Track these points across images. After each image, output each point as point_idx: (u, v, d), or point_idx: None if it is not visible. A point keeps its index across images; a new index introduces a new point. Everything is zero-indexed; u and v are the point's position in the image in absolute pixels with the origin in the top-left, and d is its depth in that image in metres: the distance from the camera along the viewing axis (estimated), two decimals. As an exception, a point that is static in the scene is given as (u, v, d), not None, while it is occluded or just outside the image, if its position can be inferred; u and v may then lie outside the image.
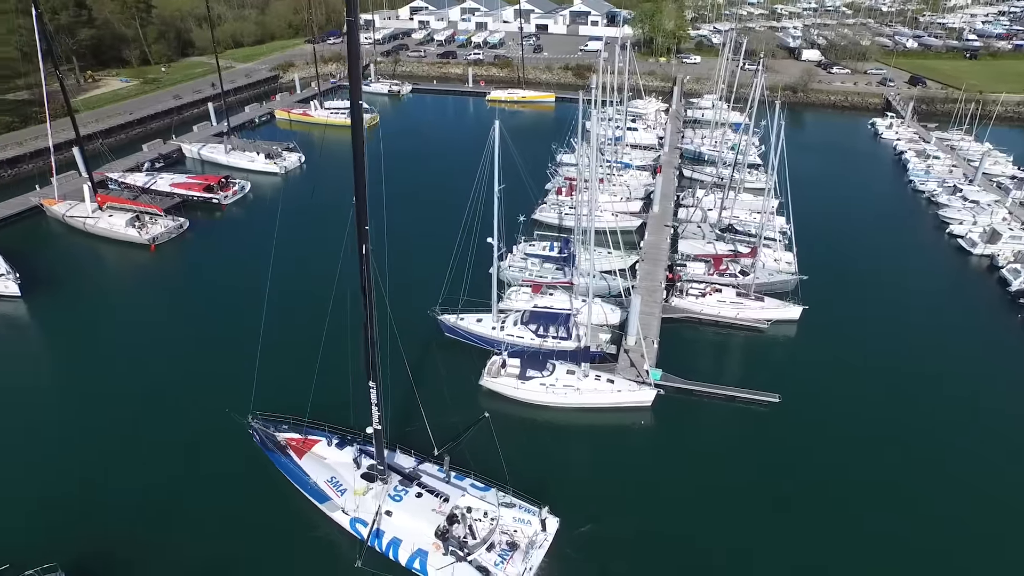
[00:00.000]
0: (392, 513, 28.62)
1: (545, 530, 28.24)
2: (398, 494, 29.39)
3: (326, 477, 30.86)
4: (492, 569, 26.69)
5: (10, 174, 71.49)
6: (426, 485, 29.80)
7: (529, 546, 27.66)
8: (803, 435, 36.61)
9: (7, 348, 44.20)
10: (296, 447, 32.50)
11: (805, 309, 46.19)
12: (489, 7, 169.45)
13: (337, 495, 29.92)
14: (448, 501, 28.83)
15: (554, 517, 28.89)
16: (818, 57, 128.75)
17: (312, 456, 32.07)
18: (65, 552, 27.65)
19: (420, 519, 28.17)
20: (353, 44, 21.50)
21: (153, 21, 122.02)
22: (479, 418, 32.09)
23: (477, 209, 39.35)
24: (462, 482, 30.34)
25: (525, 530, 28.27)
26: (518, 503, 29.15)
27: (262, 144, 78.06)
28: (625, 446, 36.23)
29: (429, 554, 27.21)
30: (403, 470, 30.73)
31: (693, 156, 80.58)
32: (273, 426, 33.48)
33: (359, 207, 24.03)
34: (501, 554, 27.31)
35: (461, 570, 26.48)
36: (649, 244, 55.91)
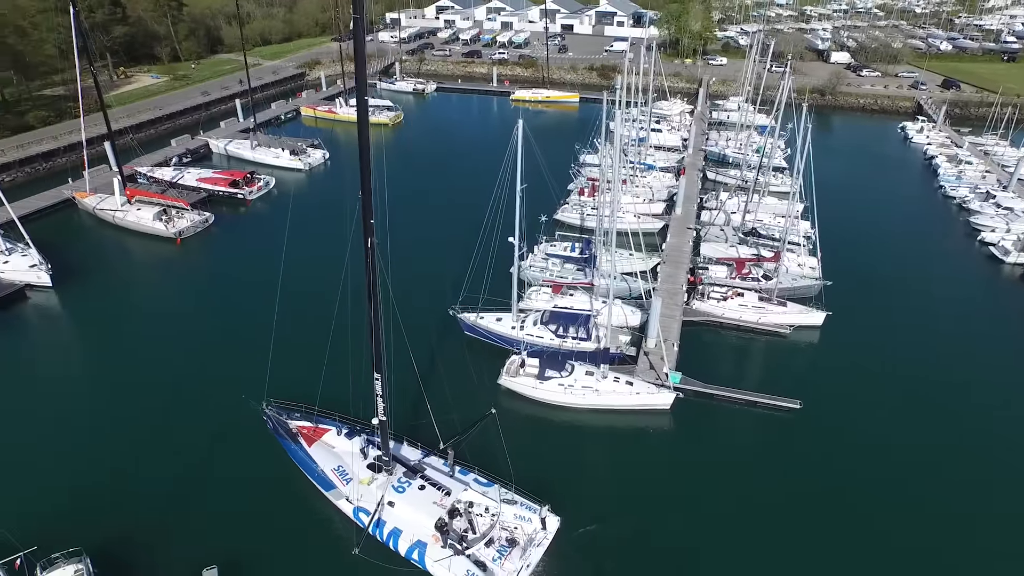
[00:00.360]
0: (394, 504, 28.98)
1: (545, 528, 28.29)
2: (401, 485, 29.74)
3: (333, 465, 31.39)
4: (489, 564, 26.83)
5: (45, 167, 73.18)
6: (429, 478, 30.07)
7: (528, 543, 27.78)
8: (824, 443, 36.07)
9: (39, 336, 45.45)
10: (307, 435, 33.16)
11: (828, 315, 45.48)
12: (515, 7, 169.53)
13: (343, 483, 30.46)
14: (450, 495, 29.09)
15: (555, 516, 28.90)
16: (847, 59, 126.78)
17: (321, 444, 32.68)
18: (89, 537, 28.26)
19: (421, 511, 28.45)
20: (359, 42, 22.08)
21: (184, 19, 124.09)
22: (486, 414, 32.34)
23: (499, 208, 39.40)
24: (466, 477, 30.51)
25: (525, 527, 28.41)
26: (520, 500, 29.23)
27: (287, 140, 78.99)
28: (641, 448, 36.04)
29: (428, 546, 27.47)
30: (408, 462, 31.06)
31: (717, 158, 79.85)
32: (286, 413, 34.23)
33: (364, 201, 24.63)
34: (500, 550, 27.47)
35: (458, 563, 26.67)
36: (671, 246, 55.53)
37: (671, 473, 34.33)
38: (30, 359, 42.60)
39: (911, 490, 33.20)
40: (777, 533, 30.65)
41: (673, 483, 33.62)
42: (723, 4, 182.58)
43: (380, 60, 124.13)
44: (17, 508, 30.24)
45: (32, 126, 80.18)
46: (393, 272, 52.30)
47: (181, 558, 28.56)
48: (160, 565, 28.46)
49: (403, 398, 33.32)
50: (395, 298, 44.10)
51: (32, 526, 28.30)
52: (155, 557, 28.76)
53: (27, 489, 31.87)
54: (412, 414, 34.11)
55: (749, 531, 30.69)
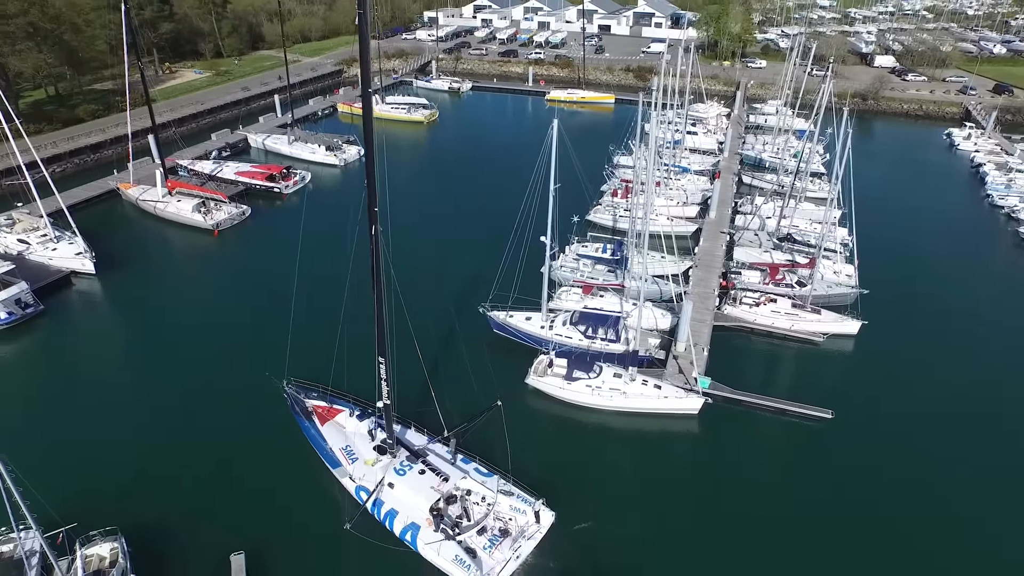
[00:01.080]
0: (394, 486, 29.84)
1: (539, 522, 28.61)
2: (403, 468, 30.58)
3: (342, 445, 32.62)
4: (479, 552, 27.39)
5: (93, 158, 75.51)
6: (430, 463, 30.75)
7: (520, 535, 28.17)
8: (856, 455, 35.28)
9: (81, 321, 46.94)
10: (321, 414, 34.59)
11: (864, 324, 44.47)
12: (552, 7, 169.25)
13: (348, 462, 31.64)
14: (448, 481, 29.73)
15: (549, 511, 29.15)
16: (892, 63, 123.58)
17: (333, 424, 33.97)
18: (125, 516, 29.17)
19: (418, 495, 29.14)
20: (364, 37, 23.13)
21: (228, 16, 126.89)
22: (491, 406, 33.09)
23: (531, 207, 39.50)
24: (467, 465, 31.20)
25: (519, 519, 28.87)
26: (517, 492, 29.73)
27: (323, 136, 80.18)
28: (663, 452, 35.81)
29: (421, 528, 28.12)
30: (412, 447, 31.86)
31: (754, 162, 78.65)
32: (304, 392, 35.90)
33: (369, 190, 25.74)
34: (491, 539, 27.98)
35: (448, 548, 27.25)
36: (704, 250, 54.88)
37: (691, 478, 34.03)
38: (73, 343, 44.13)
39: (947, 507, 32.30)
40: (802, 547, 30.07)
41: (692, 488, 33.30)
42: (764, 6, 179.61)
43: (417, 58, 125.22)
44: (60, 485, 31.23)
45: (82, 119, 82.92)
46: (424, 268, 53.22)
47: (210, 541, 29.29)
48: (190, 547, 29.20)
49: (418, 387, 33.95)
50: (425, 294, 44.95)
51: (73, 504, 29.27)
52: (186, 539, 29.55)
53: (69, 468, 32.97)
54: (424, 402, 34.45)
55: (771, 544, 30.18)
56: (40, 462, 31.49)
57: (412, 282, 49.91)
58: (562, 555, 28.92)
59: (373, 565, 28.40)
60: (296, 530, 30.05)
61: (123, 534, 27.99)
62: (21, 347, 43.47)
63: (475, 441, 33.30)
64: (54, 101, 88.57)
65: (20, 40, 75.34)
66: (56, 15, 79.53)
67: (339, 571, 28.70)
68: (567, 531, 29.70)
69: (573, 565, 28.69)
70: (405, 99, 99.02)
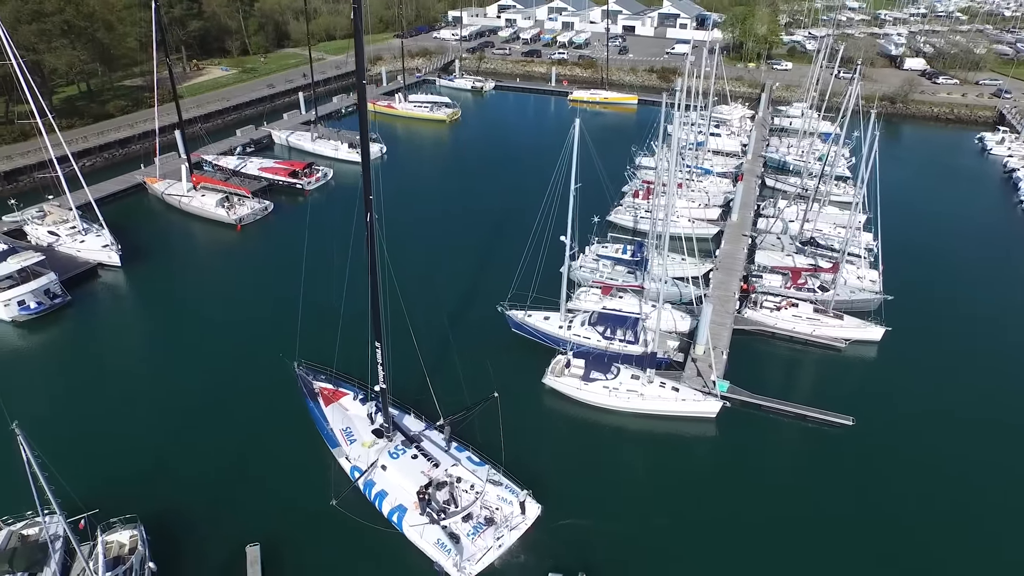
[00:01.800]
0: (387, 468, 30.75)
1: (524, 513, 28.92)
2: (396, 452, 31.47)
3: (342, 426, 33.72)
4: (463, 538, 27.89)
5: (121, 153, 76.90)
6: (423, 449, 31.62)
7: (504, 525, 28.51)
8: (876, 462, 34.67)
9: (107, 312, 47.84)
10: (327, 396, 35.86)
11: (888, 331, 43.69)
12: (577, 7, 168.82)
13: (347, 443, 32.73)
14: (438, 467, 30.50)
15: (535, 503, 29.46)
16: (923, 66, 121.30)
17: (337, 406, 35.20)
18: (145, 504, 29.62)
19: (409, 478, 29.93)
20: (358, 31, 24.65)
21: (254, 14, 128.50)
22: (488, 397, 33.39)
23: (552, 206, 39.41)
24: (460, 453, 31.90)
25: (506, 509, 29.25)
26: (505, 482, 30.18)
27: (346, 134, 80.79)
28: (677, 455, 35.48)
29: (408, 511, 28.87)
30: (408, 432, 32.77)
31: (777, 165, 77.70)
32: (313, 374, 37.12)
33: (365, 179, 26.88)
34: (476, 527, 28.38)
35: (431, 531, 27.87)
36: (725, 253, 54.31)
37: (706, 481, 33.63)
38: (98, 334, 44.99)
39: (970, 517, 31.63)
40: (819, 556, 29.59)
41: (706, 491, 32.90)
42: (791, 7, 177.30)
43: (440, 57, 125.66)
44: (83, 472, 31.79)
45: (111, 114, 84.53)
46: (444, 266, 53.38)
47: (226, 531, 29.72)
48: (207, 536, 29.61)
49: (426, 378, 34.07)
50: (444, 291, 45.30)
51: (94, 490, 29.80)
52: (203, 528, 29.97)
53: (91, 455, 33.62)
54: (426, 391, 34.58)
55: (786, 552, 29.76)
56: (64, 449, 32.20)
57: (432, 279, 50.68)
58: (547, 549, 29.04)
59: (358, 543, 29.12)
60: (281, 502, 30.90)
61: (142, 522, 28.42)
62: (49, 336, 44.41)
63: (472, 432, 33.73)
64: (85, 97, 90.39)
65: (55, 38, 77.02)
66: (90, 13, 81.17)
67: (325, 546, 29.43)
68: (554, 525, 29.94)
69: (557, 559, 28.57)
70: (428, 97, 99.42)
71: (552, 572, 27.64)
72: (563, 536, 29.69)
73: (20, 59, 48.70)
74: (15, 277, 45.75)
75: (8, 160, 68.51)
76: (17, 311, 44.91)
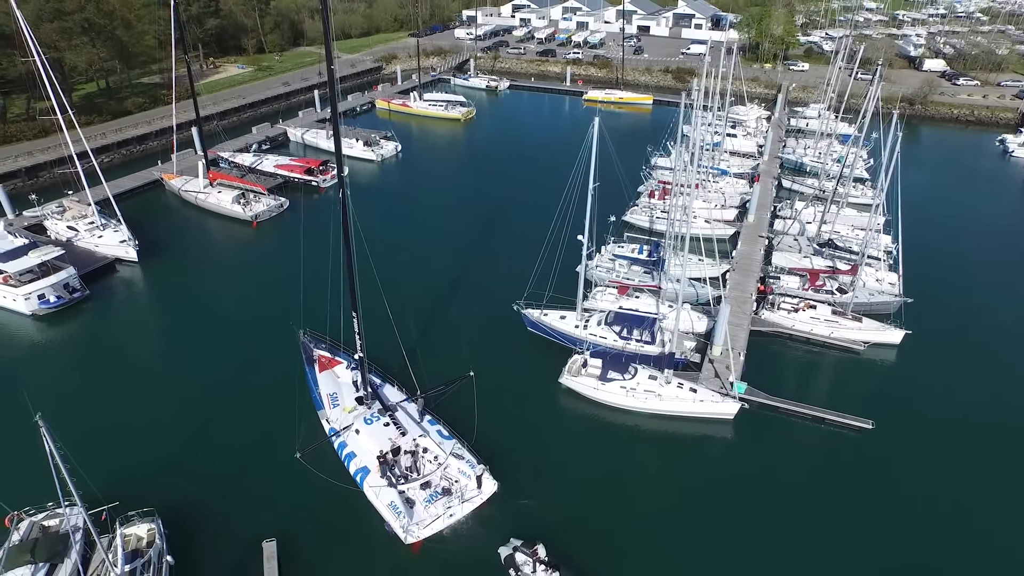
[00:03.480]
0: (360, 432, 32.73)
1: (480, 488, 30.05)
2: (371, 419, 33.46)
3: (330, 391, 36.06)
4: (417, 503, 29.52)
5: (139, 149, 77.53)
6: (396, 419, 33.52)
7: (458, 497, 29.75)
8: (896, 467, 34.27)
9: (124, 307, 48.19)
10: (323, 363, 38.12)
11: (908, 334, 43.16)
12: (591, 7, 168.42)
13: (330, 407, 35.09)
14: (405, 435, 32.48)
15: (492, 480, 30.50)
16: (942, 67, 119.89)
17: (330, 373, 37.45)
18: (162, 497, 29.89)
19: (377, 443, 31.93)
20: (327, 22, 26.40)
21: (271, 12, 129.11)
22: (464, 375, 34.25)
23: (570, 205, 39.26)
24: (431, 426, 33.55)
25: (464, 483, 30.46)
26: (467, 457, 31.54)
27: (361, 132, 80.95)
28: (698, 455, 35.26)
29: (371, 473, 30.56)
30: (386, 401, 34.91)
31: (794, 166, 77.05)
32: (315, 343, 39.37)
33: (338, 159, 29.67)
34: (432, 495, 29.88)
35: (387, 493, 29.51)
36: (741, 254, 53.92)
37: (721, 482, 33.30)
38: (116, 328, 45.38)
39: (989, 525, 31.16)
40: (834, 561, 29.25)
41: (720, 493, 32.61)
42: (807, 8, 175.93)
43: (455, 56, 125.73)
44: (102, 464, 31.96)
45: (129, 111, 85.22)
46: (460, 265, 53.27)
47: (242, 525, 29.89)
48: (224, 531, 29.76)
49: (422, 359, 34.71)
50: (459, 289, 45.31)
51: (113, 483, 29.98)
52: (220, 522, 30.15)
53: (110, 448, 33.88)
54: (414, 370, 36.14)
55: (801, 555, 29.47)
56: (83, 441, 32.41)
57: (448, 276, 50.74)
58: (493, 523, 29.89)
59: (322, 495, 30.96)
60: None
61: (160, 515, 28.56)
62: (68, 330, 44.83)
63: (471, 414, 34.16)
64: (104, 94, 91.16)
65: (76, 35, 77.77)
66: (110, 11, 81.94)
67: (288, 496, 31.41)
68: (512, 504, 30.73)
69: (510, 534, 29.11)
70: (443, 96, 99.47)
71: (513, 538, 28.56)
72: (522, 513, 30.54)
73: (43, 56, 49.10)
74: (36, 271, 46.25)
75: (29, 156, 69.21)
76: (37, 304, 45.35)
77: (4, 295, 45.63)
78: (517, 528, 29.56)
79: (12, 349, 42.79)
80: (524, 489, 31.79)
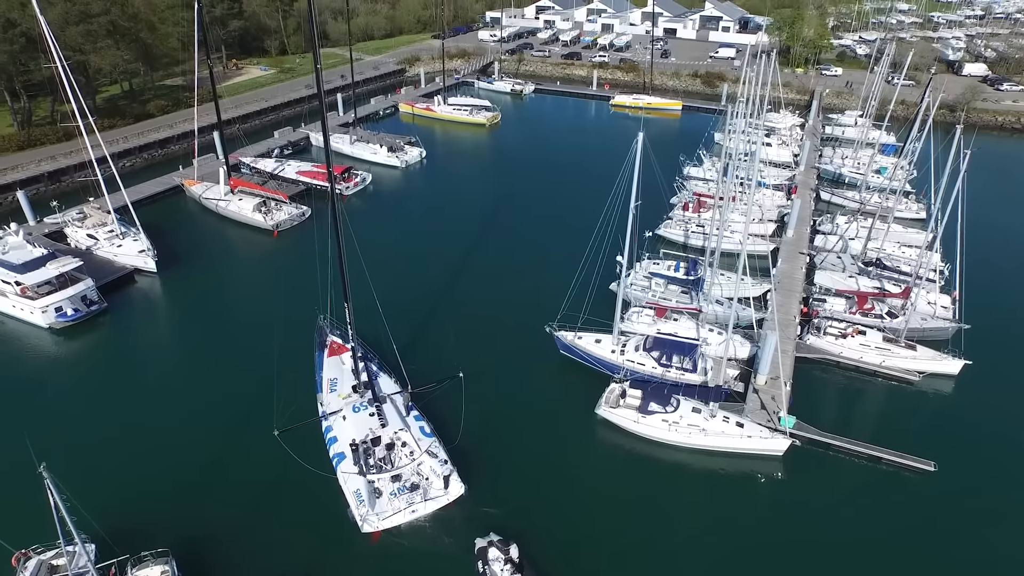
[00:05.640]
0: (346, 419, 33.57)
1: (446, 489, 30.06)
2: (359, 407, 34.17)
3: (331, 377, 36.92)
4: (384, 495, 29.79)
5: (161, 153, 76.55)
6: (381, 410, 33.84)
7: (424, 494, 29.81)
8: (963, 516, 31.63)
9: (142, 321, 46.68)
10: (333, 348, 38.56)
11: (967, 364, 40.33)
12: (617, 9, 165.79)
13: (328, 391, 35.97)
14: (386, 427, 32.90)
15: (460, 483, 30.37)
16: (984, 71, 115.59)
17: (336, 359, 37.94)
18: (177, 536, 28.33)
19: (357, 431, 32.62)
20: None
21: (294, 14, 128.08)
22: (453, 375, 34.21)
23: (606, 222, 37.16)
24: (416, 422, 33.65)
25: (434, 482, 30.49)
26: (442, 456, 31.53)
27: (385, 137, 79.22)
28: (746, 497, 32.80)
29: (346, 458, 31.16)
30: (377, 392, 35.05)
31: (832, 177, 74.09)
32: (331, 328, 39.50)
33: (327, 157, 31.11)
34: (400, 489, 30.09)
35: (355, 480, 30.08)
36: (782, 272, 51.27)
37: (771, 526, 30.89)
38: (134, 343, 43.90)
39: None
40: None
41: (769, 538, 30.23)
42: (837, 10, 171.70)
43: (479, 58, 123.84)
44: (117, 494, 30.72)
45: (152, 114, 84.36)
46: (489, 281, 51.12)
47: (260, 564, 28.17)
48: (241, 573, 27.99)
49: None
50: (494, 307, 43.25)
51: (127, 516, 28.51)
52: (237, 562, 28.39)
53: (124, 478, 32.31)
54: None
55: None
56: (95, 465, 32.08)
57: (477, 287, 48.83)
58: (453, 524, 29.86)
59: (298, 474, 31.10)
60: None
61: (175, 555, 26.88)
62: (85, 344, 43.58)
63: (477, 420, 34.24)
64: (127, 96, 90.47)
65: (101, 38, 77.05)
66: (135, 14, 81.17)
67: (268, 469, 32.26)
68: (476, 509, 30.43)
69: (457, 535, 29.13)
70: (468, 100, 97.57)
71: (493, 532, 28.54)
72: (488, 520, 30.02)
73: (65, 61, 47.90)
74: (54, 282, 45.01)
75: (53, 160, 68.40)
76: (55, 317, 44.10)
77: (22, 307, 44.46)
78: (482, 531, 29.10)
79: (27, 364, 41.53)
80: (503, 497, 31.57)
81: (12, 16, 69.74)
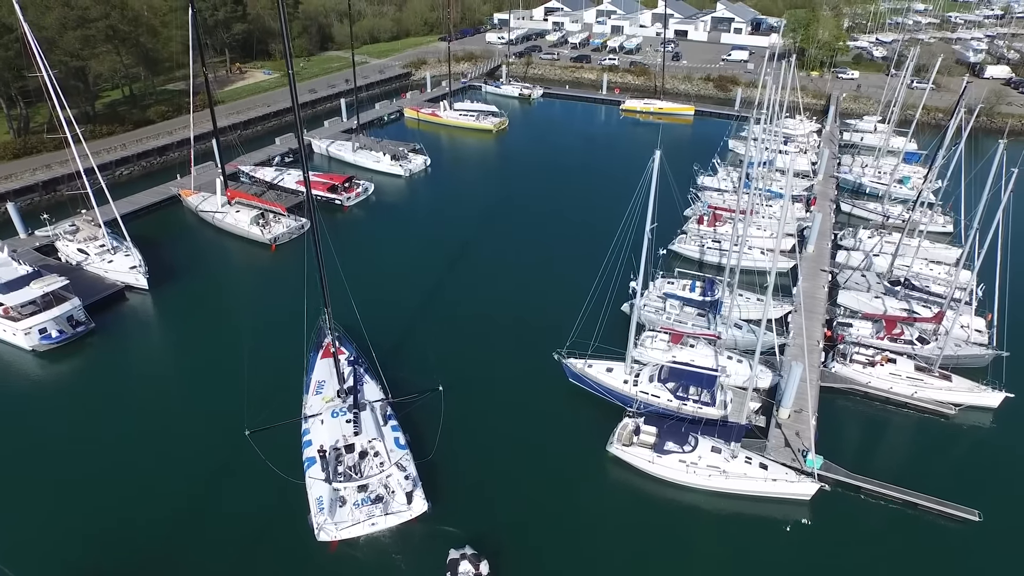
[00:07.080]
0: (324, 423, 33.11)
1: (409, 504, 29.31)
2: (337, 412, 33.63)
3: (319, 379, 36.42)
4: (348, 504, 29.27)
5: (159, 161, 74.62)
6: (358, 417, 33.11)
7: (385, 508, 29.19)
8: (1010, 571, 28.89)
9: (131, 343, 44.25)
10: (327, 351, 37.41)
11: (1009, 397, 37.48)
12: (626, 10, 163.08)
13: (314, 394, 35.53)
14: (358, 435, 32.34)
15: (424, 500, 29.66)
16: (1007, 74, 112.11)
17: (327, 361, 36.69)
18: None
19: (331, 436, 32.24)
20: None
21: (298, 16, 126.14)
22: (433, 389, 33.65)
23: (619, 241, 34.67)
24: (391, 432, 32.90)
25: (398, 495, 29.78)
26: (410, 471, 30.94)
27: (388, 145, 76.93)
28: (770, 546, 30.12)
29: (316, 463, 30.46)
30: (359, 399, 34.25)
31: (852, 187, 71.17)
32: (328, 332, 36.97)
33: (302, 158, 29.66)
34: (364, 499, 29.56)
35: (320, 487, 29.57)
36: (803, 292, 48.46)
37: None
38: (121, 366, 41.58)
39: None
40: None
41: None
42: (852, 11, 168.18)
43: (486, 61, 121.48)
44: (100, 539, 28.42)
45: (152, 120, 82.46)
46: (494, 299, 48.64)
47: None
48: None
49: None
50: (499, 328, 40.79)
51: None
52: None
53: (106, 524, 30.12)
54: None
55: None
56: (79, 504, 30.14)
57: (481, 306, 46.46)
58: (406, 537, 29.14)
59: (267, 474, 30.56)
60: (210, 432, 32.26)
61: None
62: (69, 368, 41.43)
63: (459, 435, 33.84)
64: (128, 101, 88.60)
65: (100, 43, 75.24)
66: (135, 18, 79.36)
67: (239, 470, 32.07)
68: (436, 528, 29.55)
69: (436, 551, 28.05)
70: (474, 106, 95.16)
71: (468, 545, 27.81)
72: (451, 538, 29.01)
73: (56, 68, 45.83)
74: (38, 302, 42.93)
75: (47, 169, 66.60)
76: (38, 340, 42.02)
77: (4, 328, 42.41)
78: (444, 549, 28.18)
79: (7, 388, 39.41)
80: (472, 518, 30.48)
81: (9, 21, 67.91)
